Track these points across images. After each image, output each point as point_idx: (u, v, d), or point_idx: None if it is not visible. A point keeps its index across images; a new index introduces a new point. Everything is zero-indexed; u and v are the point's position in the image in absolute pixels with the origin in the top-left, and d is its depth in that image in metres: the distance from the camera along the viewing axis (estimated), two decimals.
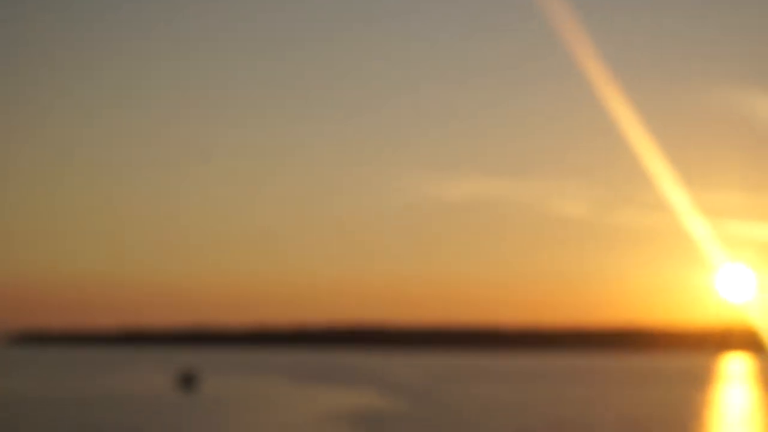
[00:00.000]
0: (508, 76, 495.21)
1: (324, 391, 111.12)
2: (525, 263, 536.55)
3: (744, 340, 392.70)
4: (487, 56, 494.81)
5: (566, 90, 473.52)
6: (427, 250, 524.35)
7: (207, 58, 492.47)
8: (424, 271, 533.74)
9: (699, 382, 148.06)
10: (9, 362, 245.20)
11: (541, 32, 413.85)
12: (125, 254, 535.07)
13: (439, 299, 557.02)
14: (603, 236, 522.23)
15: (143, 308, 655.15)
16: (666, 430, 65.98)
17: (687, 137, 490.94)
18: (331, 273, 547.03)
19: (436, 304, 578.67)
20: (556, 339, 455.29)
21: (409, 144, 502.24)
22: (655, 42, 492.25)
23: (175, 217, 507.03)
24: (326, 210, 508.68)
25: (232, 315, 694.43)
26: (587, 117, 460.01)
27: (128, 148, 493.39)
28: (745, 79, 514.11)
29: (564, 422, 70.31)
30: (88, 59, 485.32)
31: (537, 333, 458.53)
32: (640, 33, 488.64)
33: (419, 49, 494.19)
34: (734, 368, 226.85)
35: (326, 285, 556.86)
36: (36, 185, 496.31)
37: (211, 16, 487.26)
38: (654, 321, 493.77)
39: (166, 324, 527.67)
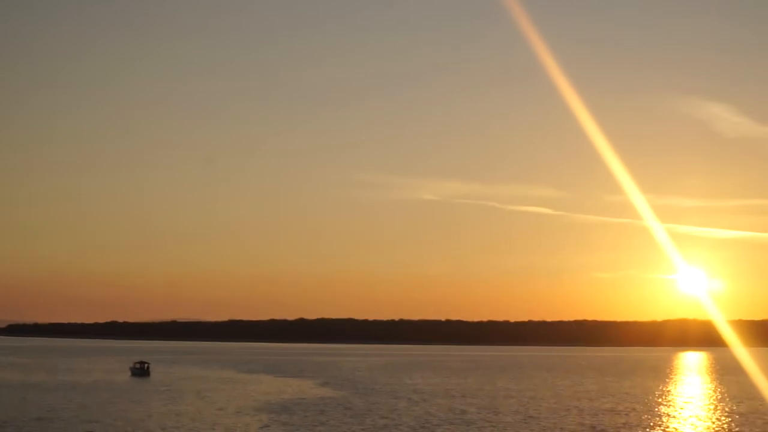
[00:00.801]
0: (479, 89, 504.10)
1: (266, 381, 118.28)
2: (490, 261, 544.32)
3: (700, 335, 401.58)
4: (462, 70, 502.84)
5: (533, 100, 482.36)
6: (397, 247, 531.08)
7: (176, 57, 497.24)
8: (394, 267, 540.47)
9: (656, 374, 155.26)
10: None
11: (511, 47, 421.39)
12: (101, 252, 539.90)
13: (407, 295, 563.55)
14: (565, 236, 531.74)
15: (125, 304, 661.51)
16: (615, 418, 72.94)
17: (647, 145, 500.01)
18: (302, 269, 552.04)
19: (407, 299, 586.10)
20: (519, 332, 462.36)
21: (382, 147, 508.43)
22: (617, 55, 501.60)
23: (141, 215, 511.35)
24: (297, 208, 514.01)
25: (206, 310, 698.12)
26: (553, 124, 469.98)
27: (94, 148, 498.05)
28: (703, 91, 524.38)
29: (469, 411, 77.30)
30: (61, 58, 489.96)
31: (500, 327, 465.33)
32: (603, 46, 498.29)
33: (394, 57, 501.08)
34: (690, 361, 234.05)
35: (298, 281, 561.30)
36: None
37: (181, 17, 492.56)
38: (614, 316, 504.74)
39: (147, 318, 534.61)
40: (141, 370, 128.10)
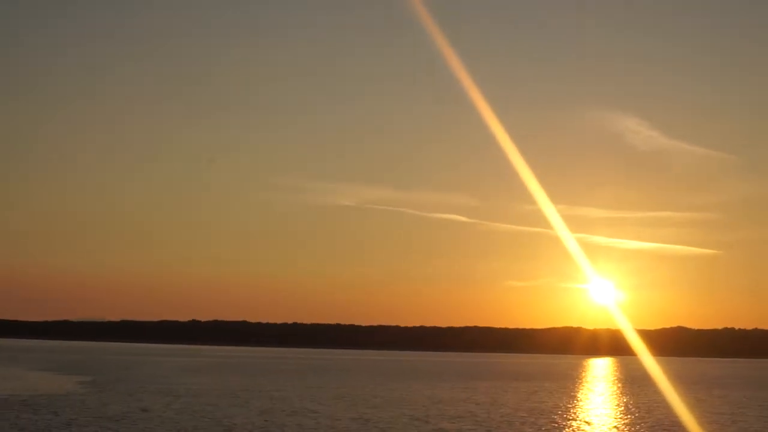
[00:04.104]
0: (396, 97, 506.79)
1: (30, 378, 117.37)
2: (403, 267, 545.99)
3: (609, 344, 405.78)
4: (379, 76, 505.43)
5: (448, 111, 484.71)
6: (308, 252, 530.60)
7: (128, 62, 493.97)
8: (298, 271, 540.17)
9: (563, 381, 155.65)
10: None
11: (427, 59, 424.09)
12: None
13: (307, 299, 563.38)
14: (479, 244, 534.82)
15: (24, 302, 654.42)
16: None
17: (561, 157, 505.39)
18: (204, 271, 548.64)
19: (306, 303, 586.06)
20: (437, 338, 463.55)
21: (297, 150, 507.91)
22: (532, 68, 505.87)
23: (48, 211, 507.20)
24: (205, 210, 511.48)
25: (102, 310, 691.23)
26: (468, 135, 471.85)
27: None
28: (617, 104, 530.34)
29: (153, 409, 76.54)
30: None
31: (392, 331, 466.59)
32: (517, 60, 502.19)
33: (310, 58, 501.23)
34: (598, 369, 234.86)
35: (196, 281, 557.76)
36: None
37: (127, 22, 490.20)
38: (527, 324, 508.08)
39: (45, 317, 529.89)
40: None
